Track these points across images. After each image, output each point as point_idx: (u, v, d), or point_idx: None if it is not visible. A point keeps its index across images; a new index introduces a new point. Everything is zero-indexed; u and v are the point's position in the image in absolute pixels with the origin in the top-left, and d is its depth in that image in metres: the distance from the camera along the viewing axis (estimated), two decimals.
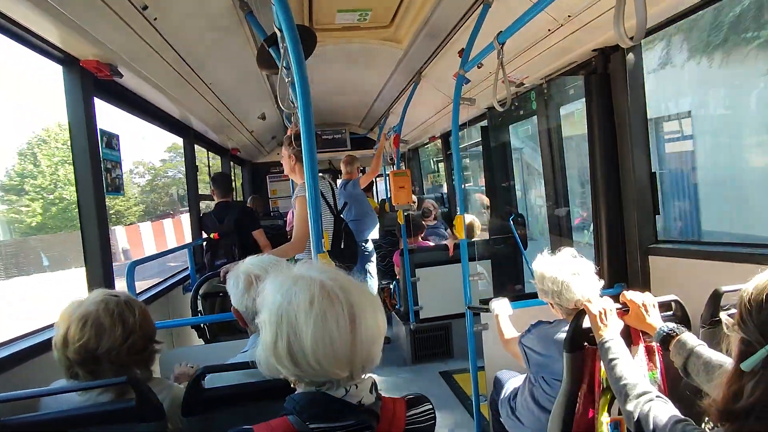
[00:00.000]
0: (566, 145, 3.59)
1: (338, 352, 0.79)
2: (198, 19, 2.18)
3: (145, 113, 3.02)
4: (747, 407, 0.83)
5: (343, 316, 0.80)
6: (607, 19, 1.91)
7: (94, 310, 1.26)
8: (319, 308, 0.79)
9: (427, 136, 5.53)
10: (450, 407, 3.09)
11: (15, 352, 1.66)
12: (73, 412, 1.24)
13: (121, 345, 1.26)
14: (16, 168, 22.44)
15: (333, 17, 2.78)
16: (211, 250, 3.64)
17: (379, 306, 0.87)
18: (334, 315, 0.79)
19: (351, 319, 0.80)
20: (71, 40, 1.81)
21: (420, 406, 0.95)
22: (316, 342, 0.78)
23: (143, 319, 1.32)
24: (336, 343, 0.78)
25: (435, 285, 3.85)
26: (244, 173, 6.61)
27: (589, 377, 1.47)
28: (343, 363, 0.80)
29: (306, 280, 0.83)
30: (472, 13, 2.37)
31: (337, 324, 0.79)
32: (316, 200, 1.42)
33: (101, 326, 1.24)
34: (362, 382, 0.86)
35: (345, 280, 0.85)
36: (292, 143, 2.68)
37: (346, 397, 0.83)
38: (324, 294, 0.80)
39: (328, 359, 0.79)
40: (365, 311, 0.82)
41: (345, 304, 0.80)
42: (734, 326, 0.90)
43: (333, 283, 0.82)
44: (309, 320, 0.78)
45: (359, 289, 0.85)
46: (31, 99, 38.39)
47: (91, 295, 1.32)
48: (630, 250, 2.36)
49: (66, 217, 21.88)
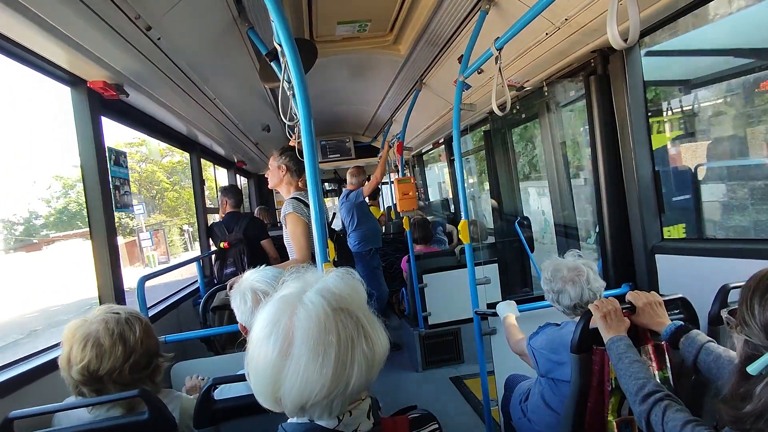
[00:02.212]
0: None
1: (337, 377, 0.73)
2: (200, 36, 2.23)
3: (152, 130, 3.08)
4: (757, 411, 0.83)
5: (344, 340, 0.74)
6: (603, 21, 1.91)
7: (94, 331, 1.27)
8: (320, 334, 0.73)
9: (431, 142, 5.55)
10: (461, 412, 3.08)
11: (29, 369, 1.69)
12: (86, 427, 1.26)
13: (123, 364, 1.27)
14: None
15: (333, 29, 2.82)
16: (221, 259, 3.70)
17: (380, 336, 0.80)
18: (329, 343, 0.73)
19: (351, 342, 0.74)
20: (78, 62, 1.86)
21: (425, 427, 0.89)
22: (316, 366, 0.72)
23: (145, 335, 1.33)
24: (336, 367, 0.72)
25: (443, 290, 3.85)
26: (251, 185, 6.67)
27: (598, 378, 1.47)
28: (337, 391, 0.73)
29: (304, 304, 0.76)
30: (470, 19, 2.40)
31: (327, 346, 0.73)
32: (320, 211, 1.43)
33: (101, 347, 1.25)
34: (356, 408, 0.80)
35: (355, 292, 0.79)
36: (283, 154, 2.65)
37: (339, 428, 0.78)
38: (320, 323, 0.74)
39: (324, 386, 0.72)
40: (362, 341, 0.75)
41: (337, 326, 0.74)
42: (737, 327, 0.89)
43: (337, 300, 0.77)
44: (312, 349, 0.72)
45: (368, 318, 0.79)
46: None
47: (93, 313, 1.33)
48: (636, 250, 2.35)
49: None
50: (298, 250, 2.47)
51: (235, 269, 3.47)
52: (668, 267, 2.22)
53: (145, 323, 1.36)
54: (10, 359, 1.77)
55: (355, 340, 0.74)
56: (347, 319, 0.75)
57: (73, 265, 17.01)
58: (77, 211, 23.11)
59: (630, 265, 2.38)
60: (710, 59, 2.92)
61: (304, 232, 2.46)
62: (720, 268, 1.92)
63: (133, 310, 1.40)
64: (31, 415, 1.26)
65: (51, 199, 23.65)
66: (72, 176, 23.25)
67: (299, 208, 2.50)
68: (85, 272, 12.01)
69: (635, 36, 1.26)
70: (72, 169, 23.64)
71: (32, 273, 18.20)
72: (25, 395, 1.61)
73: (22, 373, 1.66)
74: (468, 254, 2.50)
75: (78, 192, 22.95)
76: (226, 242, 3.63)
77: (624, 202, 2.36)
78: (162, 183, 23.89)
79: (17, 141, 29.96)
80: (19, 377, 1.64)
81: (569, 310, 1.69)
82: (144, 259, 20.20)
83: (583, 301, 1.64)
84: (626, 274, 2.38)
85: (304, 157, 1.43)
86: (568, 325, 1.67)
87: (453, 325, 3.84)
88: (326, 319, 0.73)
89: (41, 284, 16.40)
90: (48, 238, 22.90)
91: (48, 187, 25.38)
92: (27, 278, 17.55)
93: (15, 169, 27.66)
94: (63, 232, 22.77)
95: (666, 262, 2.22)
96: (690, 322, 1.52)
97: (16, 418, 1.23)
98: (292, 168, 2.64)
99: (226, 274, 3.54)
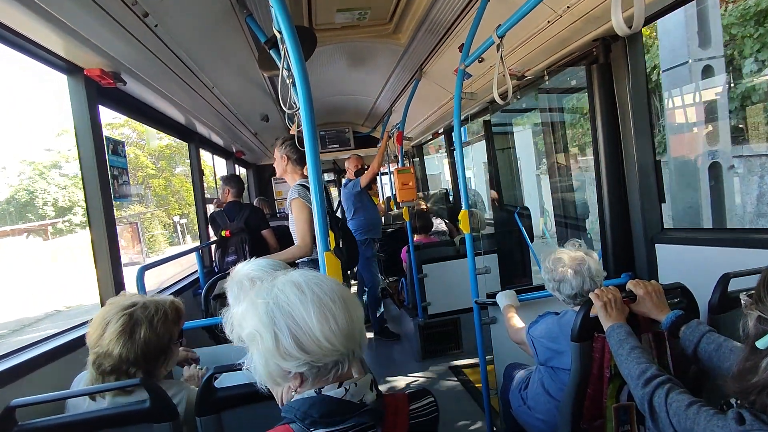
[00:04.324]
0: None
1: (341, 325, 0.81)
2: (198, 23, 2.20)
3: (150, 119, 3.06)
4: (762, 383, 0.85)
5: (333, 294, 0.83)
6: (606, 9, 1.91)
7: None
8: (310, 292, 0.82)
9: (430, 132, 5.53)
10: (461, 401, 3.10)
11: (31, 358, 1.69)
12: (87, 415, 1.27)
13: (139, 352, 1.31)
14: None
15: (332, 17, 2.79)
16: (222, 248, 3.71)
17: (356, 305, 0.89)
18: (327, 294, 0.83)
19: (340, 297, 0.84)
20: (75, 49, 1.84)
21: (422, 400, 0.94)
22: (320, 321, 0.80)
23: (164, 321, 1.37)
24: (338, 317, 0.81)
25: (442, 280, 3.86)
26: (249, 175, 6.65)
27: (599, 365, 1.48)
28: (348, 335, 0.82)
29: (281, 281, 0.86)
30: (471, 7, 2.37)
31: (332, 301, 0.82)
32: (321, 199, 1.43)
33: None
34: (361, 379, 0.86)
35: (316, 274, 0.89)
36: (284, 144, 2.66)
37: (347, 397, 0.83)
38: (308, 282, 0.84)
39: (336, 334, 0.80)
40: (345, 292, 0.86)
41: (328, 287, 0.84)
42: (752, 305, 0.92)
43: (319, 279, 0.86)
44: (307, 304, 0.81)
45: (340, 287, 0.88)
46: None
47: (118, 304, 1.36)
48: (636, 239, 2.35)
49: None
50: (300, 236, 2.47)
51: (236, 257, 3.49)
52: (668, 256, 2.22)
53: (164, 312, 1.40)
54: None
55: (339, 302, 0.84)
56: (321, 285, 0.85)
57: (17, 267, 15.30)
58: (27, 201, 21.80)
59: (630, 255, 2.39)
60: None
61: (308, 218, 2.45)
62: (720, 257, 1.92)
63: (152, 304, 1.42)
64: (33, 403, 1.27)
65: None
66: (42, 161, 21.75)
67: (304, 194, 2.50)
68: (34, 276, 10.79)
69: (640, 21, 1.25)
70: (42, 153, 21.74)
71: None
72: (28, 383, 1.61)
73: (24, 361, 1.66)
74: (468, 244, 2.50)
75: (30, 178, 21.84)
76: (227, 230, 3.64)
77: (624, 191, 2.36)
78: (147, 169, 22.15)
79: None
80: (21, 365, 1.64)
81: (570, 299, 1.70)
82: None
83: (585, 290, 1.65)
84: (626, 263, 2.39)
85: (303, 146, 1.42)
86: (567, 314, 1.67)
87: (452, 315, 3.86)
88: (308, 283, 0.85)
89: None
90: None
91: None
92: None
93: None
94: (10, 227, 20.98)
95: (666, 252, 2.23)
96: (690, 311, 1.53)
97: (18, 406, 1.24)
98: (292, 157, 2.64)
99: (228, 263, 3.56)
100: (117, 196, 2.34)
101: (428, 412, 0.94)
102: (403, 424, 0.88)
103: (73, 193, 22.35)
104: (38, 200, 22.10)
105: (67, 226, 22.48)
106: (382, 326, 4.59)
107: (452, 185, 5.81)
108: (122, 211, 19.31)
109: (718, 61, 5.61)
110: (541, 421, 1.77)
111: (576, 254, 1.70)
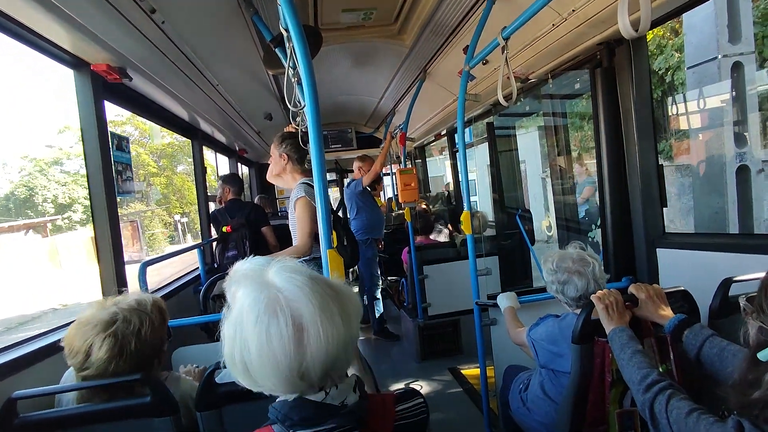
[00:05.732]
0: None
1: (282, 367, 0.74)
2: (205, 21, 2.21)
3: (154, 115, 3.07)
4: (766, 398, 0.83)
5: (287, 330, 0.73)
6: (611, 13, 1.91)
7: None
8: (262, 323, 0.74)
9: (433, 133, 5.54)
10: (459, 402, 3.10)
11: (32, 351, 1.70)
12: (90, 408, 1.28)
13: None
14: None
15: (338, 17, 2.80)
16: (222, 243, 3.75)
17: (348, 312, 0.80)
18: (276, 329, 0.74)
19: (297, 331, 0.74)
20: (82, 45, 1.85)
21: (410, 401, 0.92)
22: (260, 357, 0.74)
23: (151, 330, 1.34)
24: (279, 358, 0.74)
25: (443, 281, 3.86)
26: (252, 174, 6.65)
27: (599, 369, 1.48)
28: (292, 378, 0.75)
29: (260, 290, 0.78)
30: (477, 9, 2.38)
31: (280, 338, 0.73)
32: (325, 198, 1.43)
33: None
34: (343, 382, 0.82)
35: (305, 286, 0.77)
36: (284, 141, 2.61)
37: (327, 400, 0.80)
38: (270, 308, 0.75)
39: (275, 374, 0.75)
40: (317, 323, 0.74)
41: (290, 318, 0.74)
42: (753, 313, 0.90)
43: (286, 294, 0.76)
44: (254, 335, 0.74)
45: (319, 298, 0.77)
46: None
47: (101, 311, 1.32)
48: (637, 243, 2.36)
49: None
50: (301, 235, 2.45)
51: (236, 253, 3.52)
52: (669, 260, 2.22)
53: (152, 318, 1.37)
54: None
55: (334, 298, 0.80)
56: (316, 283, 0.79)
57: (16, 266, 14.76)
58: (26, 197, 21.41)
59: (631, 258, 2.39)
60: None
61: (313, 217, 2.42)
62: (721, 262, 1.92)
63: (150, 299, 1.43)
64: (35, 395, 1.28)
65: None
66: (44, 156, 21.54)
67: (311, 193, 2.45)
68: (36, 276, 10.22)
69: (646, 25, 1.25)
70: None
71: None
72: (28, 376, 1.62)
73: (23, 354, 1.66)
74: (470, 245, 2.50)
75: (30, 174, 21.52)
76: (228, 226, 3.66)
77: (626, 195, 2.36)
78: (148, 167, 21.64)
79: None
80: (21, 359, 1.64)
81: (573, 301, 1.69)
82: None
83: (589, 292, 1.63)
84: (627, 267, 2.39)
85: (308, 144, 1.42)
86: (568, 316, 1.67)
87: (452, 317, 3.86)
88: (311, 285, 0.78)
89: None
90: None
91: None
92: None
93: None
94: (8, 223, 20.11)
95: (667, 256, 2.23)
96: (691, 315, 1.53)
97: (19, 398, 1.24)
98: (293, 156, 2.61)
99: (228, 257, 3.58)
100: (120, 191, 2.34)
101: (417, 413, 0.91)
102: (388, 425, 0.86)
103: (73, 190, 22.29)
104: (38, 197, 22.03)
105: (66, 223, 22.40)
106: (382, 326, 4.59)
107: (453, 187, 5.81)
108: (122, 208, 18.40)
109: (749, 57, 5.21)
110: (540, 424, 1.77)
111: (580, 256, 1.70)
